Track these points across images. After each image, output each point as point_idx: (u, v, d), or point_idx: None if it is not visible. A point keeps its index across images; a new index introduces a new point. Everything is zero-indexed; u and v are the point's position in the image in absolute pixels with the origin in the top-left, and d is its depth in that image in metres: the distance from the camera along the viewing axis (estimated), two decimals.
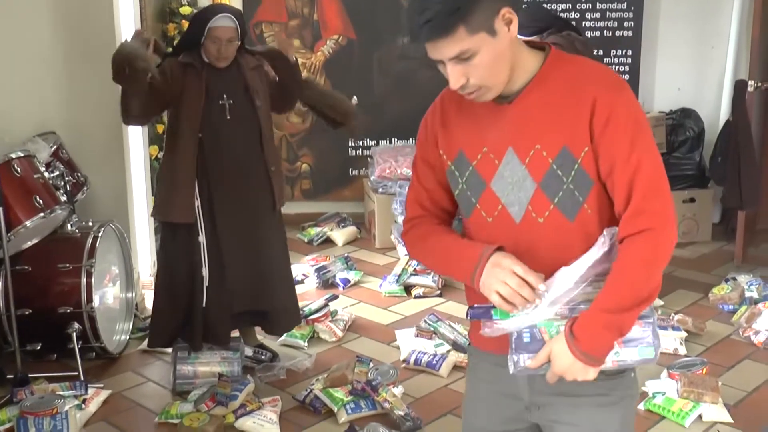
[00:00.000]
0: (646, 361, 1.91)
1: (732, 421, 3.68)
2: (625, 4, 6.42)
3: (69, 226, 4.21)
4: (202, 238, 3.87)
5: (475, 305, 1.95)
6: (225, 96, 3.84)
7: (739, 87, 5.53)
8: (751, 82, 5.45)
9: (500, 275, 1.86)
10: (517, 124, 1.91)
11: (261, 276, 4.05)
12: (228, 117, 3.85)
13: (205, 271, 3.88)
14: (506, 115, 1.92)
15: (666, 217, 1.85)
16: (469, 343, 2.20)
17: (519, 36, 1.88)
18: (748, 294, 4.86)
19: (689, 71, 6.47)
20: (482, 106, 1.93)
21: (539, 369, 1.90)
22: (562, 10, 6.37)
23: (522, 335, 1.90)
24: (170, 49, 4.10)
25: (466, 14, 1.76)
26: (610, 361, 1.88)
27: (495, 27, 1.80)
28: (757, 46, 5.43)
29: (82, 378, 3.93)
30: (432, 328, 4.42)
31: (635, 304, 1.84)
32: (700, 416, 3.69)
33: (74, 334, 3.99)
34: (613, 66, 6.45)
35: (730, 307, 4.84)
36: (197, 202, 3.86)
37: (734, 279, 5.04)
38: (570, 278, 1.86)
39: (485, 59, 1.81)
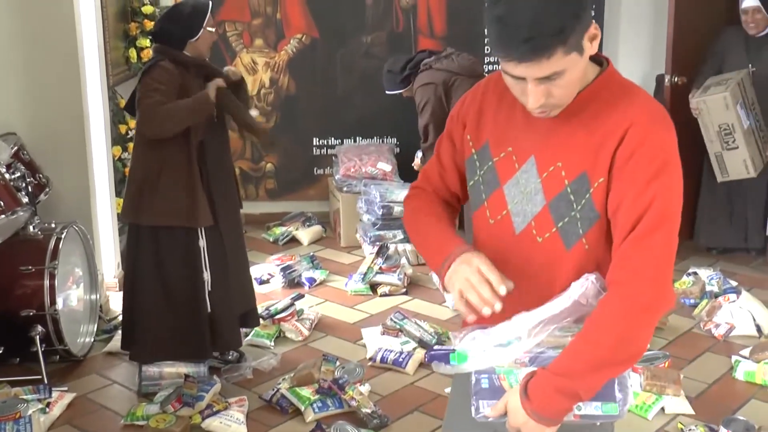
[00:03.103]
0: (610, 418, 1.79)
1: (693, 413, 3.74)
2: None
3: (31, 227, 4.16)
4: (202, 243, 3.82)
5: (435, 348, 1.89)
6: None
7: (659, 81, 5.71)
8: (667, 77, 5.51)
9: (465, 272, 1.78)
10: (547, 135, 1.80)
11: (247, 275, 4.15)
12: (215, 119, 3.86)
13: (207, 275, 3.84)
14: (541, 122, 1.81)
15: (646, 277, 1.69)
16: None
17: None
18: (708, 288, 4.91)
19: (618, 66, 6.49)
20: (522, 106, 1.79)
21: (499, 418, 1.80)
22: None
23: (480, 380, 1.82)
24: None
25: (568, 36, 1.63)
26: (572, 415, 1.76)
27: (583, 45, 1.68)
28: (671, 40, 5.43)
29: (45, 381, 3.89)
30: (398, 326, 4.43)
31: (595, 369, 1.71)
32: (662, 409, 3.75)
33: (37, 337, 3.94)
34: None
35: (692, 301, 4.90)
36: None
37: (695, 273, 5.10)
38: (533, 318, 1.75)
39: (571, 79, 1.71)
